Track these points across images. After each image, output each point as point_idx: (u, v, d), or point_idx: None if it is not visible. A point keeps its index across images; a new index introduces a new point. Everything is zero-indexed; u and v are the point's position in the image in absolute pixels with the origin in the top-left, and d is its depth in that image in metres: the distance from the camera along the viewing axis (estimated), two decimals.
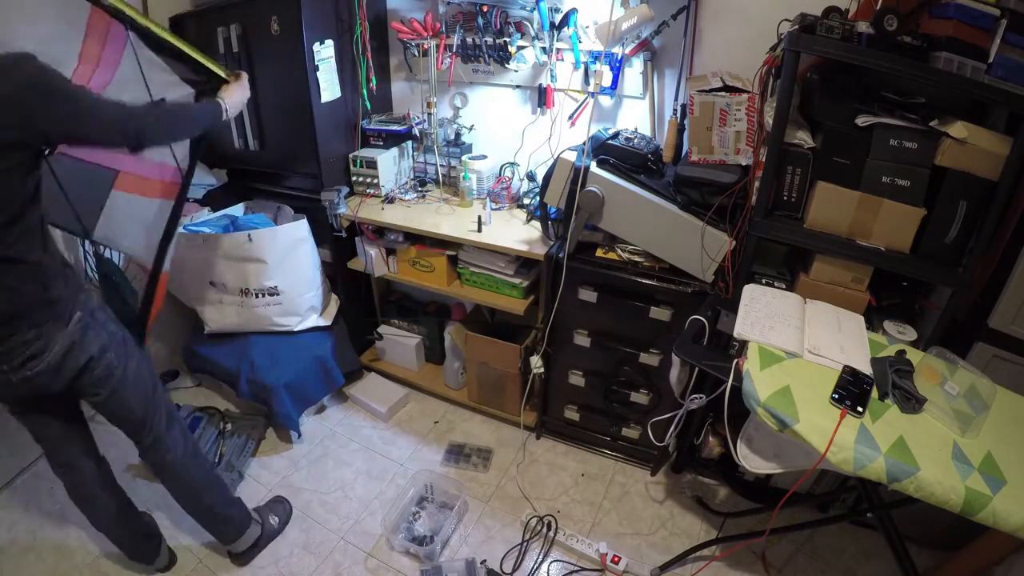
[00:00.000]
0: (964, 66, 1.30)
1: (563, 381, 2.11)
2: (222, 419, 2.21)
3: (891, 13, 1.29)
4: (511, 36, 1.98)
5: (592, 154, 1.78)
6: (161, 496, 1.72)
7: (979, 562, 1.57)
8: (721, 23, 1.79)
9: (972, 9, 1.28)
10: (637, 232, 1.78)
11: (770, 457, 1.33)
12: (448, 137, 2.28)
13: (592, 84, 1.94)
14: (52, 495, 1.98)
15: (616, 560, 1.75)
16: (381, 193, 2.25)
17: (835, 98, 1.48)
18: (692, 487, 2.07)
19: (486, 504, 2.00)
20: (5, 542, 1.82)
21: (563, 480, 2.10)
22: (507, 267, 2.05)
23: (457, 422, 2.38)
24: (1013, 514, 1.03)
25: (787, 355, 1.32)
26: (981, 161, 1.37)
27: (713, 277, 1.72)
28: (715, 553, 1.79)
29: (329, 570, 1.77)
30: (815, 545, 1.86)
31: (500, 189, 2.19)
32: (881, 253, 1.53)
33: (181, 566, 1.77)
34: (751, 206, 1.62)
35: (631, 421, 2.09)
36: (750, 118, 1.57)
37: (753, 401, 1.21)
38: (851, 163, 1.49)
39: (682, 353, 1.44)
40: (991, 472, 1.09)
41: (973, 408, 1.17)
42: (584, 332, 1.97)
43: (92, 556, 1.79)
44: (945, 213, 1.45)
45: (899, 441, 1.13)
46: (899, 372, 1.27)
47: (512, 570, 1.77)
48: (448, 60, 2.10)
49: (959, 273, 1.48)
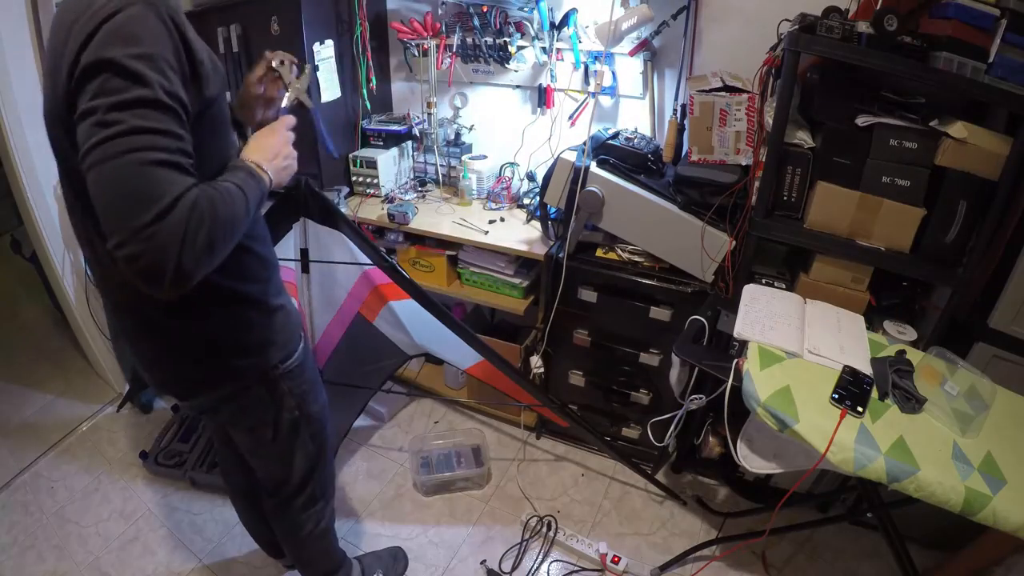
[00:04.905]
0: (964, 66, 1.30)
1: (563, 381, 2.11)
2: None
3: (891, 13, 1.29)
4: (511, 36, 1.98)
5: (592, 154, 1.78)
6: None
7: (979, 562, 1.57)
8: (721, 23, 1.79)
9: (972, 9, 1.28)
10: (637, 232, 1.78)
11: (770, 457, 1.32)
12: (448, 137, 2.28)
13: (592, 84, 1.94)
14: (52, 495, 1.98)
15: (616, 560, 1.75)
16: (381, 193, 2.25)
17: (835, 98, 1.48)
18: (692, 487, 2.07)
19: (486, 504, 2.00)
20: (5, 542, 1.82)
21: (563, 480, 2.10)
22: (507, 267, 2.05)
23: (457, 422, 2.38)
24: (1013, 514, 1.03)
25: (787, 355, 1.32)
26: (981, 161, 1.37)
27: (713, 277, 1.72)
28: (715, 553, 1.79)
29: None
30: (815, 545, 1.86)
31: (500, 189, 2.19)
32: (881, 253, 1.53)
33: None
34: (751, 206, 1.62)
35: (631, 421, 2.09)
36: (750, 118, 1.57)
37: (753, 401, 1.21)
38: (851, 163, 1.49)
39: (682, 353, 1.43)
40: (991, 472, 1.09)
41: (973, 408, 1.17)
42: (584, 332, 1.97)
43: (92, 556, 1.79)
44: (945, 213, 1.45)
45: (899, 441, 1.13)
46: (899, 372, 1.27)
47: (512, 570, 1.77)
48: (448, 60, 2.10)
49: (959, 273, 1.48)
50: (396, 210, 2.04)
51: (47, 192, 1.99)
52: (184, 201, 0.74)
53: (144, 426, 2.28)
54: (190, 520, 1.91)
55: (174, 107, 0.77)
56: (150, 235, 0.72)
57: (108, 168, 0.72)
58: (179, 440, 2.12)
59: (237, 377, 1.12)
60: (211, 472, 2.00)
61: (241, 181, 0.89)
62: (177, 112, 0.78)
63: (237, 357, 1.09)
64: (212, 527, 1.89)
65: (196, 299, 0.96)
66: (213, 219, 0.78)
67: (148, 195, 0.72)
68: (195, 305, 1.00)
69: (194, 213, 0.75)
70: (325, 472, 1.42)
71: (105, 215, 0.73)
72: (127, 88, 0.73)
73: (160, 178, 0.73)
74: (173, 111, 0.77)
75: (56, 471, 2.08)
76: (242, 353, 1.09)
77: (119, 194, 0.72)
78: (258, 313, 1.09)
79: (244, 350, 1.09)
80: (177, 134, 0.77)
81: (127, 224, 0.71)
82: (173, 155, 0.76)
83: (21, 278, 2.79)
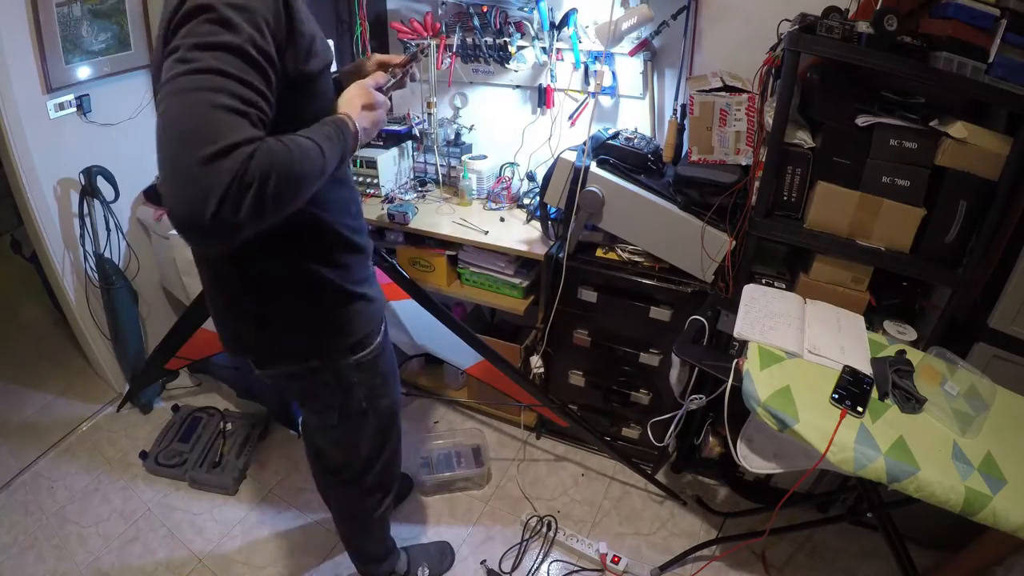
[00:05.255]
0: (964, 66, 1.30)
1: (563, 381, 2.11)
2: (222, 419, 2.21)
3: (891, 13, 1.29)
4: (511, 36, 1.98)
5: (592, 154, 1.78)
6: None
7: (979, 562, 1.57)
8: (721, 23, 1.79)
9: (972, 9, 1.28)
10: (637, 232, 1.78)
11: (770, 457, 1.32)
12: (448, 137, 2.28)
13: (592, 84, 1.94)
14: (52, 495, 1.98)
15: (616, 560, 1.75)
16: (381, 193, 2.25)
17: (835, 98, 1.48)
18: (692, 487, 2.07)
19: (486, 504, 2.00)
20: (5, 542, 1.82)
21: (563, 480, 2.10)
22: (507, 267, 2.05)
23: (457, 422, 2.38)
24: (1013, 514, 1.03)
25: (787, 355, 1.32)
26: (981, 161, 1.37)
27: (713, 277, 1.72)
28: (715, 553, 1.79)
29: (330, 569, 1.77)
30: (815, 545, 1.86)
31: (500, 189, 2.19)
32: (881, 253, 1.53)
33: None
34: (751, 206, 1.62)
35: (631, 421, 2.09)
36: (750, 118, 1.57)
37: (753, 401, 1.21)
38: (851, 163, 1.49)
39: (682, 353, 1.43)
40: (991, 472, 1.09)
41: (973, 408, 1.17)
42: (584, 332, 1.97)
43: (92, 556, 1.79)
44: (945, 213, 1.45)
45: (899, 441, 1.13)
46: (899, 372, 1.27)
47: (512, 570, 1.77)
48: (448, 60, 2.10)
49: (959, 273, 1.48)
50: (396, 210, 2.04)
51: (47, 192, 1.99)
52: (240, 152, 0.70)
53: (144, 426, 2.28)
54: (190, 520, 1.91)
55: (260, 61, 0.76)
56: (194, 177, 0.67)
57: (175, 101, 0.70)
58: (179, 440, 2.12)
59: (300, 359, 1.11)
60: (211, 472, 2.00)
61: (322, 136, 0.85)
62: (263, 67, 0.76)
63: (301, 338, 1.09)
64: (212, 527, 1.89)
65: (270, 273, 0.98)
66: (270, 176, 0.73)
67: (204, 136, 0.68)
68: (268, 279, 1.01)
69: (249, 166, 0.70)
70: (390, 464, 1.43)
71: (159, 146, 0.70)
72: (216, 32, 0.72)
73: (223, 122, 0.70)
74: (259, 65, 0.75)
75: (56, 471, 2.08)
76: (307, 336, 1.09)
77: (178, 129, 0.69)
78: (333, 299, 1.08)
79: (310, 333, 1.09)
80: (255, 86, 0.75)
81: (176, 160, 0.68)
82: (244, 104, 0.73)
83: (21, 278, 2.79)
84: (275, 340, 1.09)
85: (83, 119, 2.00)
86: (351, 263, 1.09)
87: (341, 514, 1.53)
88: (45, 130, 1.90)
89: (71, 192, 2.05)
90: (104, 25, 1.95)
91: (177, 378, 2.53)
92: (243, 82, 0.73)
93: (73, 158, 2.00)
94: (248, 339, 1.11)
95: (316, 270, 1.03)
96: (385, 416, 1.31)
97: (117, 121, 2.09)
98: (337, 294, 1.08)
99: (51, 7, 1.78)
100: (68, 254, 2.11)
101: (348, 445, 1.33)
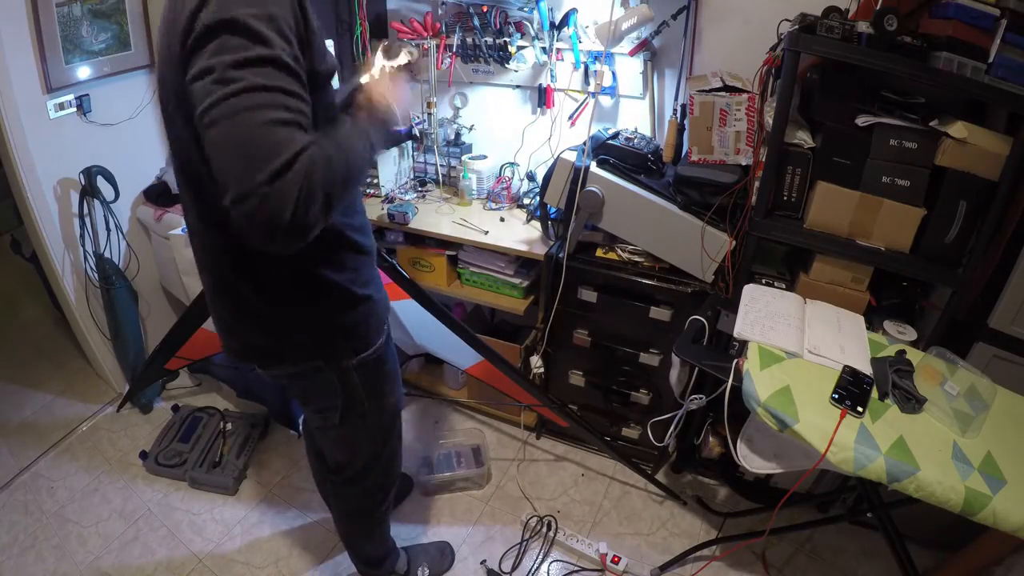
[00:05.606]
0: (964, 66, 1.30)
1: (563, 381, 2.11)
2: (222, 419, 2.21)
3: (891, 13, 1.29)
4: (511, 36, 1.98)
5: (592, 154, 1.78)
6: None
7: (979, 562, 1.57)
8: (721, 23, 1.79)
9: (972, 9, 1.28)
10: (637, 232, 1.78)
11: (770, 457, 1.32)
12: (448, 137, 2.28)
13: (592, 84, 1.94)
14: (52, 495, 1.98)
15: (616, 560, 1.75)
16: (381, 193, 2.25)
17: (835, 98, 1.48)
18: (692, 487, 2.07)
19: (486, 504, 2.00)
20: (5, 542, 1.82)
21: (563, 480, 2.10)
22: (507, 267, 2.05)
23: (457, 422, 2.38)
24: (1013, 514, 1.03)
25: (787, 355, 1.32)
26: (981, 161, 1.37)
27: (713, 277, 1.72)
28: (715, 553, 1.79)
29: (330, 569, 1.77)
30: (815, 545, 1.86)
31: (500, 189, 2.19)
32: (881, 253, 1.53)
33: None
34: (751, 206, 1.62)
35: (631, 421, 2.09)
36: (750, 118, 1.57)
37: (753, 401, 1.21)
38: (851, 163, 1.49)
39: (682, 353, 1.43)
40: (991, 472, 1.09)
41: (973, 408, 1.17)
42: (584, 332, 1.97)
43: (92, 556, 1.79)
44: (945, 213, 1.45)
45: (899, 441, 1.13)
46: (899, 372, 1.27)
47: (512, 570, 1.77)
48: (448, 60, 2.10)
49: (959, 273, 1.48)
50: (396, 210, 2.04)
51: (47, 192, 2.00)
52: (302, 159, 0.73)
53: (144, 426, 2.28)
54: (190, 520, 1.91)
55: (294, 67, 0.77)
56: (266, 194, 0.71)
57: (227, 125, 0.72)
58: (179, 440, 2.13)
59: (304, 359, 1.12)
60: (211, 472, 2.00)
61: (365, 125, 0.92)
62: (296, 72, 0.78)
63: (307, 340, 1.09)
64: (212, 527, 1.89)
65: (277, 280, 0.99)
66: (330, 174, 0.78)
67: (266, 153, 0.71)
68: (275, 286, 1.02)
69: (311, 170, 0.74)
70: (391, 464, 1.44)
71: (223, 172, 0.73)
72: (247, 47, 0.73)
73: (279, 137, 0.73)
74: (293, 71, 0.77)
75: (56, 471, 2.08)
76: (313, 338, 1.09)
77: (238, 153, 0.72)
78: (341, 302, 1.09)
79: (316, 335, 1.09)
80: (296, 93, 0.77)
81: (245, 181, 0.71)
82: (292, 114, 0.75)
83: (21, 278, 2.78)
84: (281, 343, 1.10)
85: (83, 119, 2.00)
86: (357, 265, 1.10)
87: (341, 514, 1.54)
88: (45, 130, 1.91)
89: (71, 192, 2.05)
90: (104, 25, 1.95)
91: (177, 378, 2.53)
92: (286, 92, 0.75)
93: (73, 158, 2.00)
94: (255, 345, 1.12)
95: (323, 274, 1.04)
96: (387, 416, 1.32)
97: (117, 121, 2.09)
98: (344, 297, 1.08)
99: (51, 7, 1.78)
100: (68, 254, 2.12)
101: (349, 445, 1.34)
